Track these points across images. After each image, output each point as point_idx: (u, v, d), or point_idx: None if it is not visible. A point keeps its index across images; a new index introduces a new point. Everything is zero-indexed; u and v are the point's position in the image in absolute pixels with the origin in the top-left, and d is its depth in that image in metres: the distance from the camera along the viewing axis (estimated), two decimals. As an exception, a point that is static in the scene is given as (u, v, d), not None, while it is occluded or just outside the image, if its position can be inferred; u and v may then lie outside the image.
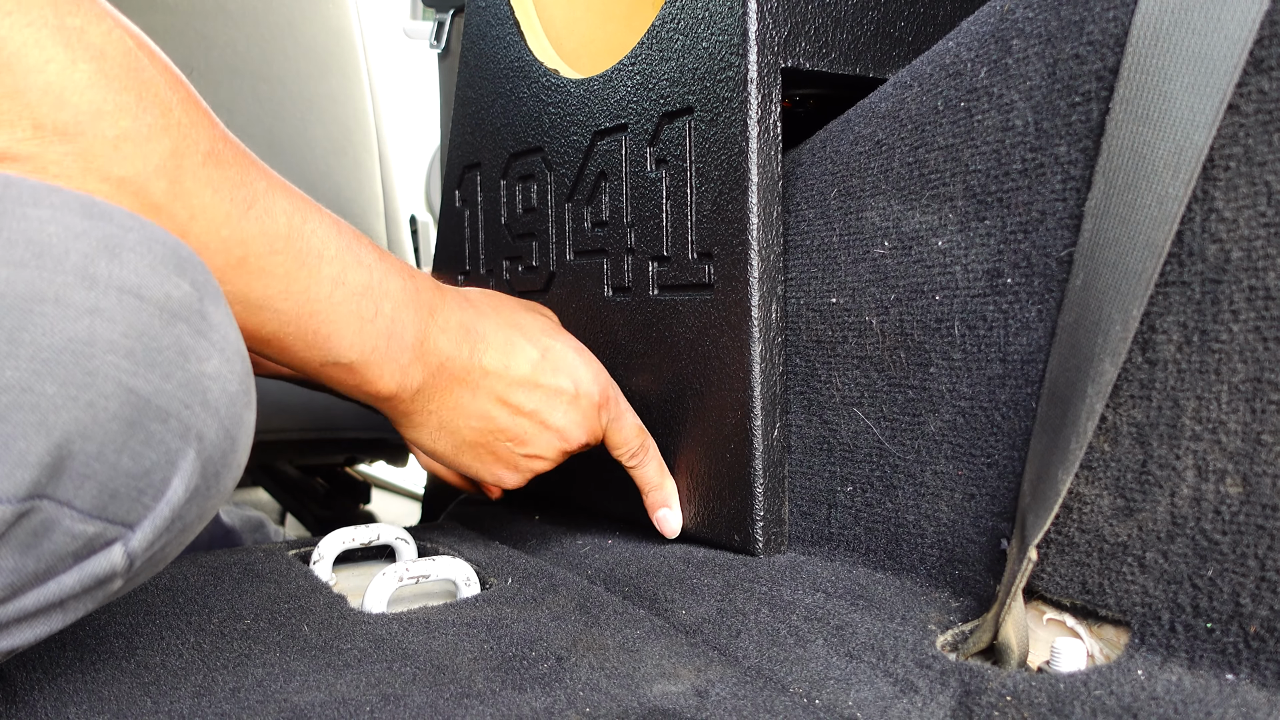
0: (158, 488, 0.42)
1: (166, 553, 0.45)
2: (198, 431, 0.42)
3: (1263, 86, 0.42)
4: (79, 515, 0.40)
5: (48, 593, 0.41)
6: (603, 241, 0.77)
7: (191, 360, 0.42)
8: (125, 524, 0.41)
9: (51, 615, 0.42)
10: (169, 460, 0.41)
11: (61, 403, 0.38)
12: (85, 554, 0.41)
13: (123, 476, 0.40)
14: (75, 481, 0.39)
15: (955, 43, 0.56)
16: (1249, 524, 0.43)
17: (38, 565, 0.40)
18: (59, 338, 0.38)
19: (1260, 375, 0.42)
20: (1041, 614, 0.51)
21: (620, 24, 0.90)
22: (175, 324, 0.41)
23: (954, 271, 0.56)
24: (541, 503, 0.91)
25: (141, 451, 0.40)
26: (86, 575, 0.42)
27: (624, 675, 0.52)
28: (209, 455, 0.43)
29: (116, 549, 0.42)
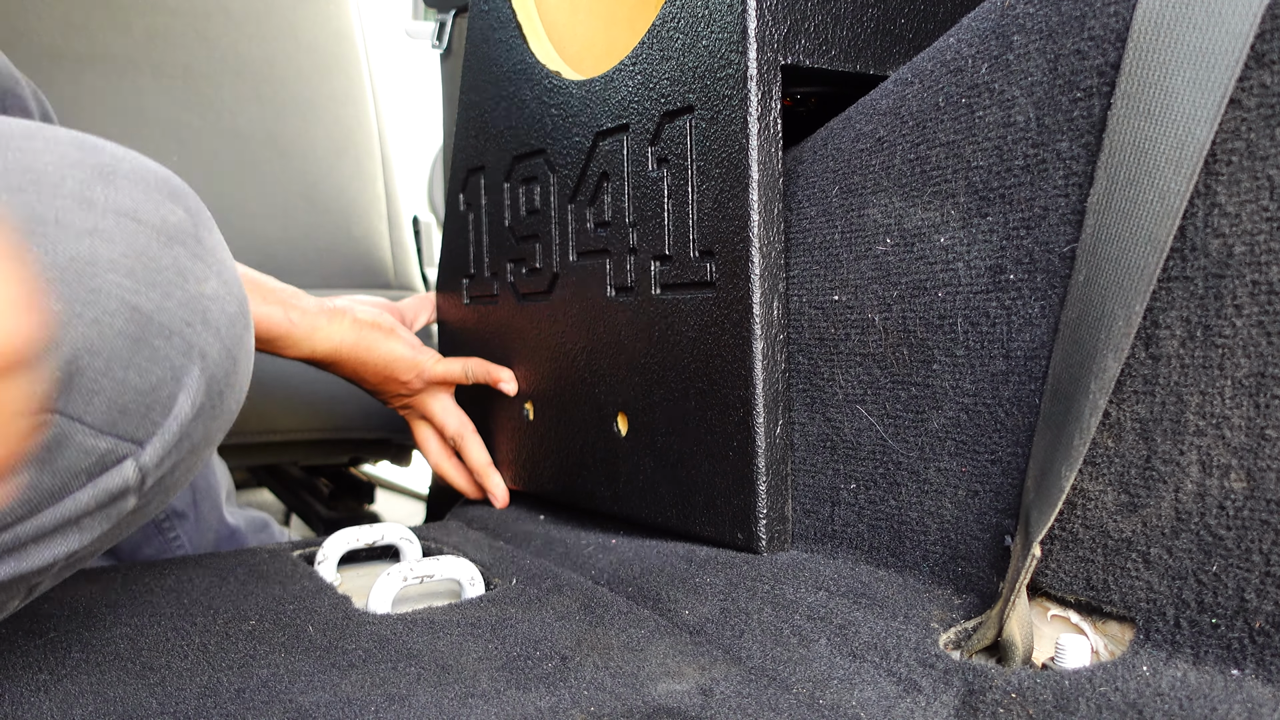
0: (165, 404, 0.43)
1: (177, 475, 0.47)
2: (201, 349, 0.44)
3: (1264, 80, 0.42)
4: (91, 430, 0.41)
5: (64, 510, 0.42)
6: (605, 242, 0.77)
7: (191, 281, 0.43)
8: (135, 440, 0.43)
9: (69, 534, 0.43)
10: (175, 377, 0.43)
11: (68, 319, 0.39)
12: (98, 470, 0.42)
13: (131, 392, 0.42)
14: (85, 397, 0.40)
15: (956, 39, 0.56)
16: (1253, 519, 0.42)
17: (53, 481, 0.41)
18: (61, 258, 0.39)
19: (1264, 370, 0.42)
20: (1046, 610, 0.51)
21: (622, 26, 0.90)
22: (173, 246, 0.43)
23: (956, 268, 0.56)
24: (546, 503, 0.91)
25: (148, 368, 0.42)
26: (101, 491, 0.43)
27: (628, 674, 0.52)
28: (213, 373, 0.45)
29: (128, 464, 0.43)
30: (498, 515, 0.91)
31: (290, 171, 1.48)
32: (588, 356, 0.80)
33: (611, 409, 0.78)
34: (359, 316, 0.87)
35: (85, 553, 0.47)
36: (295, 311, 0.82)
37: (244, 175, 1.45)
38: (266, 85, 1.50)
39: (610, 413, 0.78)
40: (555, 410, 0.85)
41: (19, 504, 0.40)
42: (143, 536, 0.94)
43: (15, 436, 0.39)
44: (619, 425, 0.77)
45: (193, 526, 0.96)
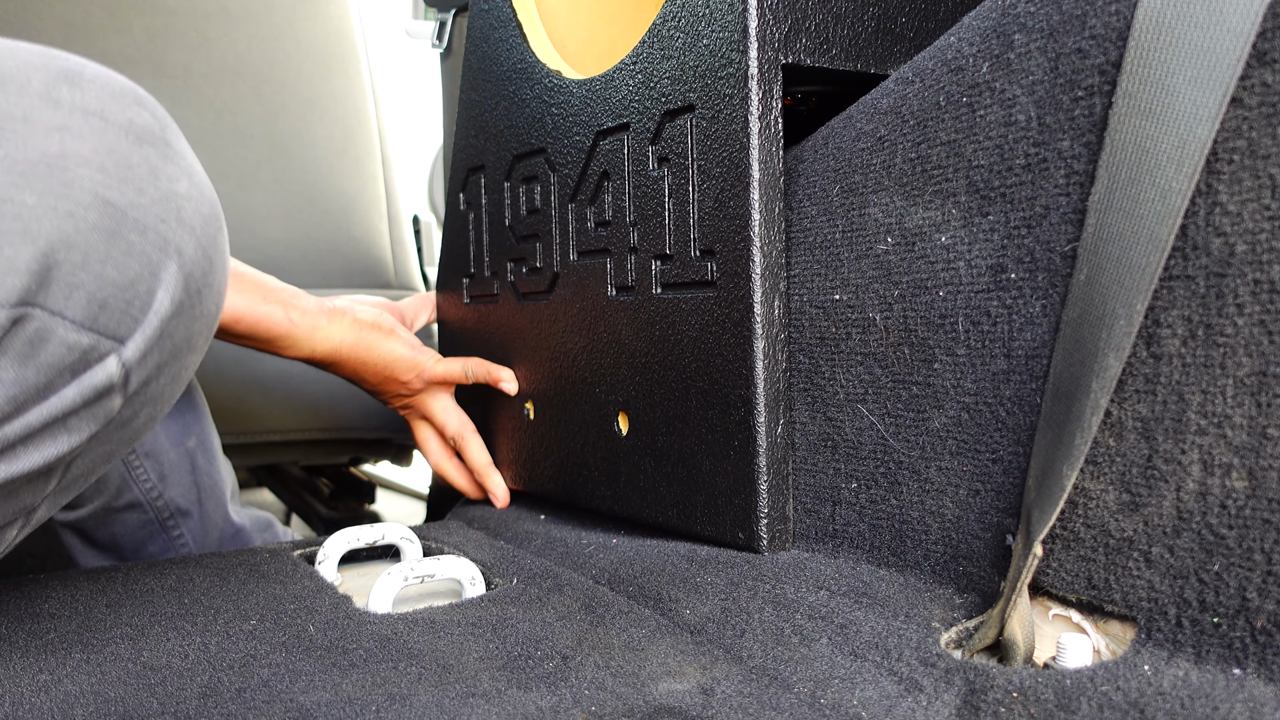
0: (144, 299, 0.44)
1: (161, 383, 0.48)
2: (176, 245, 0.44)
3: (1266, 79, 0.41)
4: (72, 325, 0.42)
5: (51, 408, 0.43)
6: (606, 241, 0.77)
7: (163, 179, 0.44)
8: (117, 337, 0.44)
9: (57, 435, 0.44)
10: (152, 272, 0.44)
11: (42, 212, 0.40)
12: (82, 367, 0.43)
13: (110, 287, 0.42)
14: (64, 291, 0.41)
15: (957, 38, 0.56)
16: (1255, 518, 0.42)
17: (38, 377, 0.42)
18: (32, 151, 0.40)
19: (1265, 369, 0.42)
20: (1047, 610, 0.51)
21: (622, 25, 0.90)
22: (143, 146, 0.44)
23: (957, 267, 0.55)
24: (547, 503, 0.91)
25: (124, 262, 0.43)
26: (85, 388, 0.44)
27: (629, 674, 0.52)
28: (190, 271, 0.45)
29: (111, 361, 0.44)
30: (498, 515, 0.91)
31: (290, 171, 1.48)
32: (588, 356, 0.80)
33: (612, 408, 0.78)
34: (359, 316, 0.87)
35: (78, 470, 0.47)
36: (296, 311, 0.82)
37: (244, 175, 1.45)
38: (266, 85, 1.50)
39: (611, 412, 0.78)
40: (556, 410, 0.84)
41: (6, 402, 0.41)
42: (146, 535, 0.94)
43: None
44: (620, 425, 0.77)
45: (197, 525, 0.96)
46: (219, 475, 0.98)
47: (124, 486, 0.91)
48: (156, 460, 0.92)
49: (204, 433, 0.97)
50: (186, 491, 0.95)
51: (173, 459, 0.93)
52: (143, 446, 0.91)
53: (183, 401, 0.96)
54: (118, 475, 0.91)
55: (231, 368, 1.24)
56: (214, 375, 1.21)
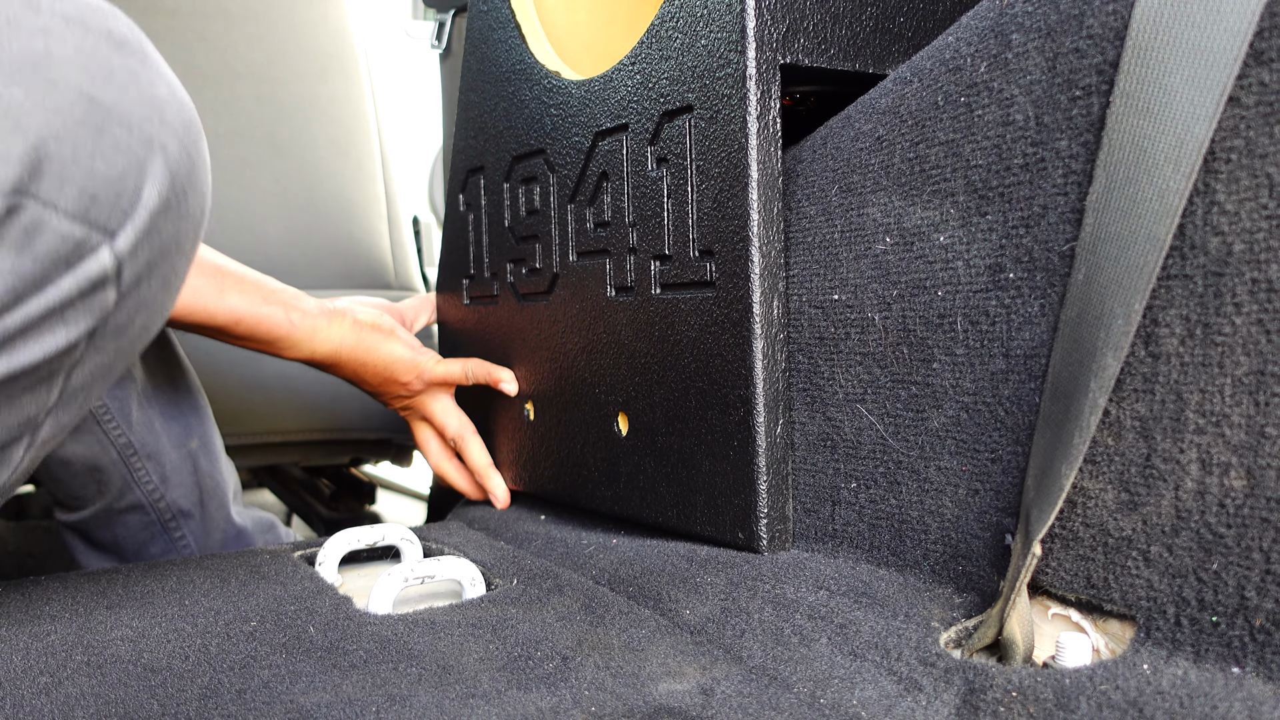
0: (133, 193, 0.46)
1: (153, 286, 0.50)
2: (161, 143, 0.47)
3: (1263, 78, 0.41)
4: (65, 216, 0.44)
5: (48, 299, 0.45)
6: (605, 242, 0.77)
7: (143, 83, 0.47)
8: (108, 230, 0.46)
9: (55, 327, 0.46)
10: (139, 167, 0.46)
11: (30, 107, 0.42)
12: (76, 258, 0.45)
13: (99, 180, 0.45)
14: (56, 183, 0.43)
15: (955, 38, 0.56)
16: (1253, 517, 0.42)
17: (34, 267, 0.44)
18: (17, 51, 0.42)
19: (1263, 368, 0.42)
20: (1046, 609, 0.51)
21: (621, 26, 0.90)
22: (122, 51, 0.46)
23: (956, 267, 0.56)
24: (547, 503, 0.91)
25: (112, 156, 0.45)
26: (81, 278, 0.46)
27: (629, 674, 0.52)
28: (174, 169, 0.48)
29: (104, 252, 0.46)
30: (498, 515, 0.91)
31: (290, 172, 1.48)
32: (588, 356, 0.80)
33: (612, 409, 0.78)
34: (359, 318, 0.87)
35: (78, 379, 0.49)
36: (296, 313, 0.82)
37: (244, 176, 1.45)
38: (266, 86, 1.50)
39: (611, 413, 0.78)
40: (556, 410, 0.85)
41: (5, 292, 0.43)
42: (148, 536, 0.94)
43: None
44: (619, 425, 0.77)
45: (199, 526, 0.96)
46: (221, 477, 0.98)
47: (126, 488, 0.91)
48: (158, 462, 0.92)
49: (206, 434, 0.97)
50: (188, 493, 0.95)
51: (174, 460, 0.94)
52: (144, 448, 0.91)
53: (185, 403, 0.96)
54: (120, 477, 0.91)
55: (232, 369, 1.24)
56: (215, 377, 1.21)
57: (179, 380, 0.96)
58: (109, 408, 0.88)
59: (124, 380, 0.90)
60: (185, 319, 0.77)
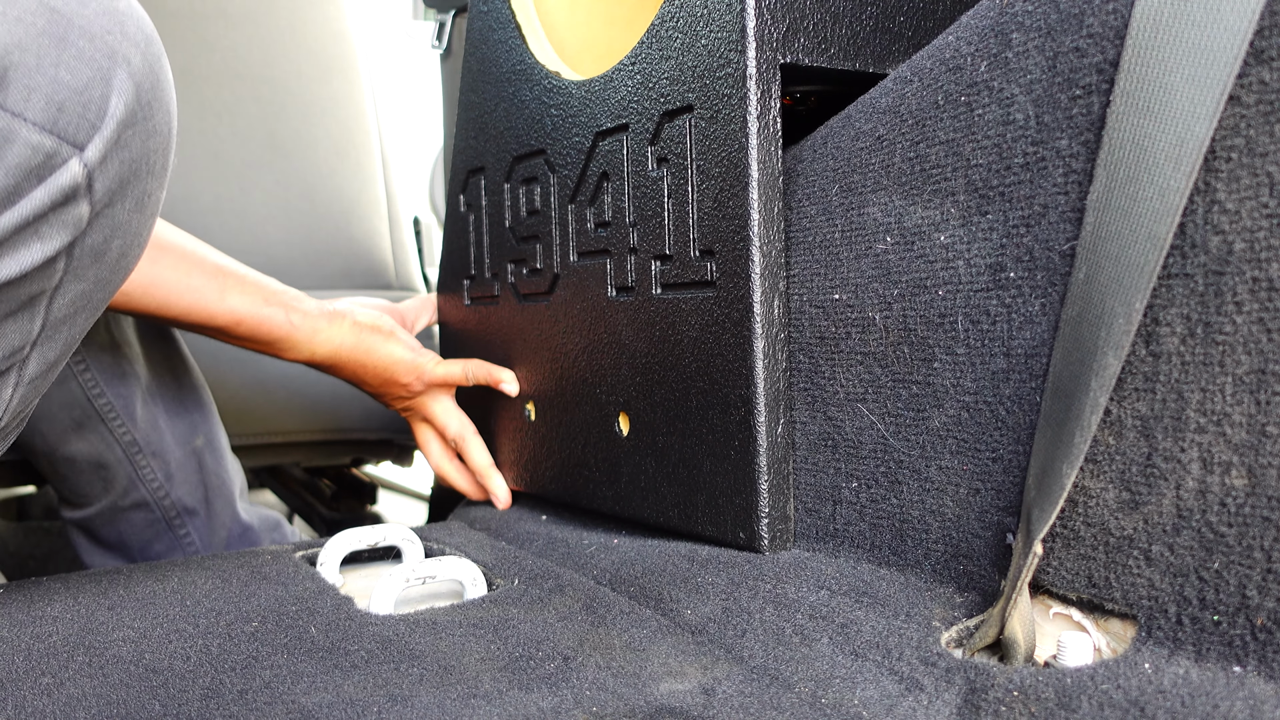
0: (99, 104, 0.46)
1: (126, 206, 0.50)
2: (124, 55, 0.47)
3: (1263, 77, 0.41)
4: (33, 127, 0.44)
5: (21, 211, 0.45)
6: (606, 242, 0.77)
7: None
8: (76, 142, 0.46)
9: (30, 241, 0.47)
10: (103, 78, 0.46)
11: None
12: (47, 171, 0.46)
13: (65, 90, 0.45)
14: (22, 93, 0.44)
15: (955, 37, 0.56)
16: (1254, 516, 0.42)
17: (6, 179, 0.44)
18: None
19: (1264, 367, 0.42)
20: (1047, 608, 0.51)
21: (621, 26, 0.90)
22: None
23: (956, 266, 0.56)
24: (548, 504, 0.91)
25: (76, 67, 0.45)
26: (53, 189, 0.46)
27: (630, 674, 0.52)
28: (139, 81, 0.48)
29: (74, 163, 0.46)
30: (500, 516, 0.91)
31: (290, 173, 1.48)
32: (589, 357, 0.80)
33: (613, 409, 0.78)
34: (358, 319, 0.87)
35: (60, 307, 0.50)
36: (296, 314, 0.82)
37: (244, 177, 1.45)
38: (266, 87, 1.50)
39: (612, 413, 0.78)
40: (557, 411, 0.85)
41: None
42: (153, 534, 0.94)
43: None
44: (620, 425, 0.77)
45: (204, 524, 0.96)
46: (227, 475, 0.98)
47: (131, 485, 0.91)
48: (163, 459, 0.92)
49: (211, 432, 0.97)
50: (193, 491, 0.95)
51: (179, 458, 0.94)
52: (149, 446, 0.91)
53: (189, 401, 0.96)
54: (125, 474, 0.91)
55: (233, 369, 1.24)
56: (216, 377, 1.22)
57: (184, 378, 0.96)
58: (113, 405, 0.88)
59: (128, 378, 0.90)
60: (186, 319, 0.77)
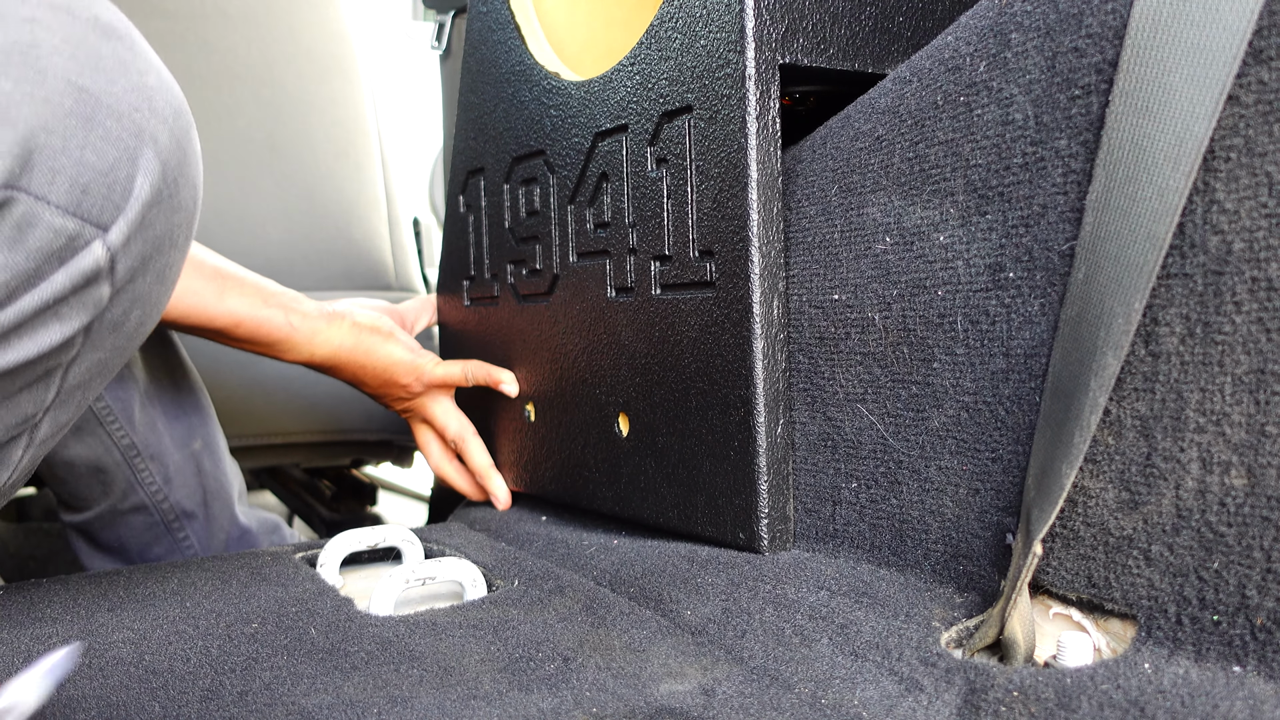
0: (124, 185, 0.45)
1: (148, 280, 0.49)
2: (151, 133, 0.46)
3: (1262, 77, 0.41)
4: (57, 210, 0.43)
5: (41, 294, 0.44)
6: (605, 242, 0.77)
7: (132, 71, 0.46)
8: (100, 223, 0.45)
9: (49, 323, 0.46)
10: (130, 158, 0.45)
11: (19, 98, 0.41)
12: (69, 253, 0.45)
13: (90, 172, 0.44)
14: (47, 175, 0.43)
15: (954, 37, 0.56)
16: (1254, 516, 0.42)
17: (27, 263, 0.43)
18: (4, 41, 0.42)
19: (1264, 366, 0.42)
20: (1047, 608, 0.51)
21: (620, 26, 0.90)
22: (110, 39, 0.45)
23: (956, 266, 0.56)
24: (548, 504, 0.91)
25: (102, 148, 0.44)
26: (74, 273, 0.45)
27: (630, 675, 0.52)
28: (165, 159, 0.47)
29: (97, 245, 0.45)
30: (500, 517, 0.91)
31: (290, 174, 1.48)
32: (588, 357, 0.80)
33: (612, 410, 0.78)
34: (358, 320, 0.87)
35: (75, 376, 0.49)
36: (296, 315, 0.82)
37: (244, 178, 1.45)
38: (265, 88, 1.50)
39: (611, 413, 0.78)
40: (556, 411, 0.85)
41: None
42: (152, 537, 0.94)
43: None
44: (620, 426, 0.77)
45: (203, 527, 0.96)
46: (225, 478, 0.98)
47: (129, 489, 0.91)
48: (161, 463, 0.92)
49: (209, 435, 0.97)
50: (192, 494, 0.95)
51: (178, 461, 0.94)
52: (147, 449, 0.91)
53: (187, 404, 0.96)
54: (123, 478, 0.91)
55: (233, 371, 1.24)
56: (216, 378, 1.22)
57: (181, 381, 0.96)
58: (112, 409, 0.88)
59: (126, 381, 0.90)
60: (185, 321, 0.77)
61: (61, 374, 0.49)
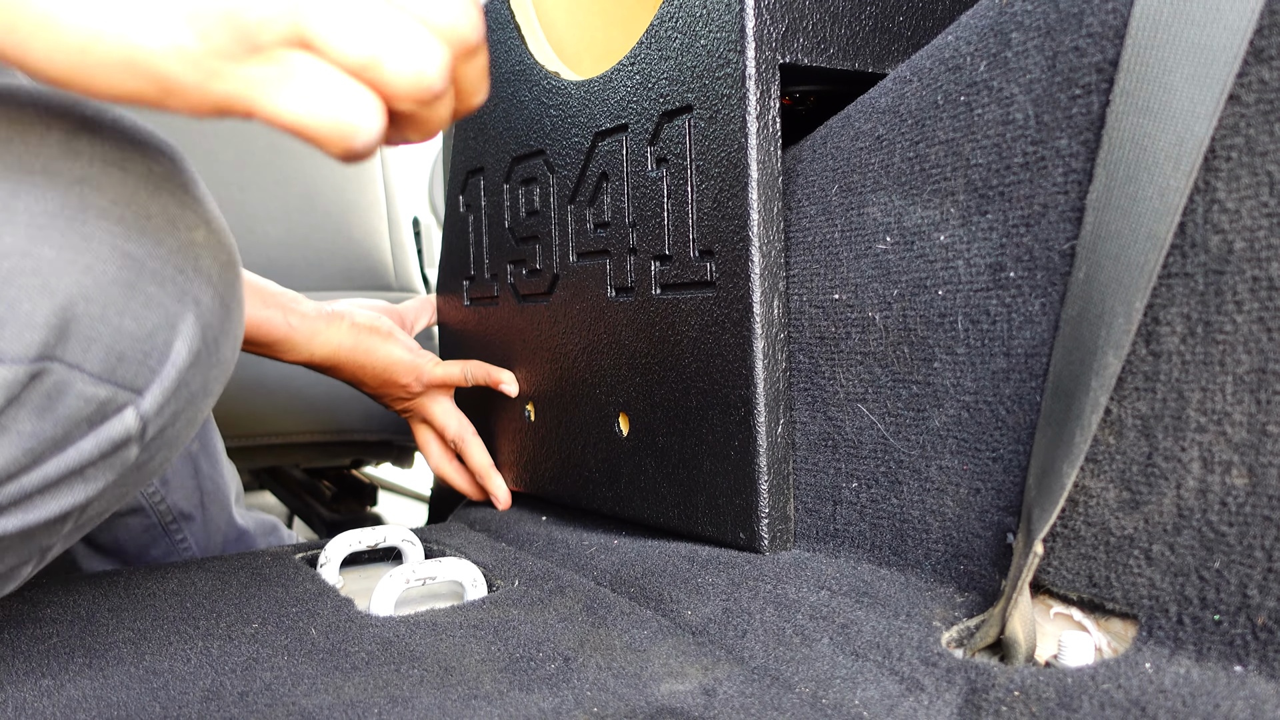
0: (161, 350, 0.43)
1: (178, 428, 0.47)
2: (194, 296, 0.44)
3: (1263, 76, 0.41)
4: (90, 378, 0.41)
5: (68, 460, 0.42)
6: (605, 242, 0.77)
7: (180, 228, 0.44)
8: (134, 388, 0.43)
9: (74, 485, 0.43)
10: (170, 323, 0.43)
11: (61, 266, 0.39)
12: (99, 419, 0.42)
13: (127, 339, 0.42)
14: (83, 344, 0.40)
15: (954, 37, 0.56)
16: (1255, 515, 0.42)
17: (55, 430, 0.41)
18: (52, 204, 0.40)
19: (1265, 366, 0.42)
20: (1048, 608, 0.51)
21: (620, 26, 0.90)
22: (160, 195, 0.43)
23: (956, 266, 0.55)
24: (548, 504, 0.91)
25: (143, 314, 0.42)
26: (103, 440, 0.43)
27: (631, 675, 0.52)
28: (207, 320, 0.45)
29: (129, 413, 0.43)
30: (500, 517, 0.91)
31: (290, 174, 1.48)
32: (588, 357, 0.80)
33: (613, 409, 0.78)
34: (357, 320, 0.87)
35: (93, 511, 0.47)
36: (295, 316, 0.82)
37: (244, 178, 1.45)
38: (266, 88, 1.49)
39: (611, 413, 0.78)
40: (556, 411, 0.85)
41: (23, 454, 0.41)
42: (150, 539, 0.94)
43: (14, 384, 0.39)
44: (620, 426, 0.77)
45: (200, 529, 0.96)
46: (222, 479, 0.98)
47: None
48: None
49: (207, 437, 0.97)
50: (189, 495, 0.95)
51: (175, 463, 0.94)
52: None
53: None
54: None
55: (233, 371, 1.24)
56: (215, 379, 1.21)
57: (179, 383, 0.96)
58: None
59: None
60: None
61: (78, 514, 0.47)
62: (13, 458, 0.41)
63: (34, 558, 0.48)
